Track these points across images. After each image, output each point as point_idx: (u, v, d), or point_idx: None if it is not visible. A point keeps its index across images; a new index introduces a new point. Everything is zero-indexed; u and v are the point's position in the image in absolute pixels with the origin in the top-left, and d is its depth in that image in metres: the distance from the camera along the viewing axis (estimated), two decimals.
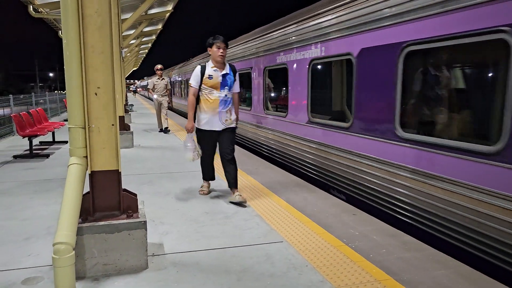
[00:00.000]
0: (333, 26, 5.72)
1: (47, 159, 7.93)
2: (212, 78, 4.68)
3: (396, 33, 4.45)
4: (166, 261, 3.30)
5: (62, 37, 3.05)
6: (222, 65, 4.77)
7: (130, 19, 13.03)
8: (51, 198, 5.08)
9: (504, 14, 3.25)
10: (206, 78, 4.68)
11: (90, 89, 3.05)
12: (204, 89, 4.72)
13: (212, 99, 4.70)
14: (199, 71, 4.73)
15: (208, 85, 4.69)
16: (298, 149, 7.05)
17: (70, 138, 3.10)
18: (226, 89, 4.73)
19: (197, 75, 4.71)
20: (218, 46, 4.67)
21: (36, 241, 3.70)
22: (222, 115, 4.74)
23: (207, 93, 4.71)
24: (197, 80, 4.71)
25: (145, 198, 4.93)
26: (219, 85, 4.70)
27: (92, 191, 3.16)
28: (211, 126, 4.76)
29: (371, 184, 4.99)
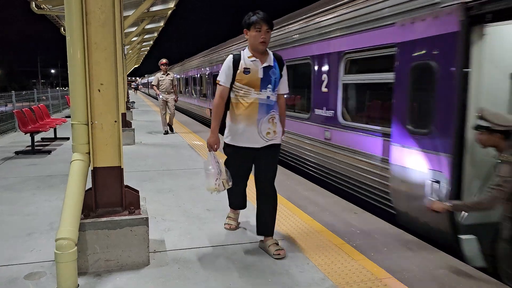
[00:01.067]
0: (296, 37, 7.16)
1: (49, 155, 7.95)
2: (250, 73, 3.32)
3: (339, 43, 5.71)
4: (167, 258, 3.31)
5: (66, 33, 3.06)
6: (264, 55, 3.39)
7: (132, 16, 13.02)
8: (53, 194, 5.10)
9: (395, 35, 4.49)
10: (241, 72, 3.33)
11: (94, 85, 3.07)
12: (237, 89, 3.35)
13: (248, 102, 3.31)
14: (230, 63, 3.37)
15: (243, 83, 3.32)
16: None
17: (73, 134, 3.11)
18: (269, 89, 3.34)
19: (228, 68, 3.37)
20: (258, 29, 3.27)
21: (38, 237, 3.72)
22: (263, 126, 3.34)
23: (242, 94, 3.34)
24: (228, 76, 3.36)
25: (146, 195, 4.94)
26: (259, 82, 3.33)
27: (94, 187, 3.17)
28: (247, 141, 3.37)
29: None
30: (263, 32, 3.29)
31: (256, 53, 3.38)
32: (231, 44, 12.62)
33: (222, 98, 3.40)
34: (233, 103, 3.41)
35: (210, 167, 3.41)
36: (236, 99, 3.40)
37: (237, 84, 3.36)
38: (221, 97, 3.40)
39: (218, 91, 3.41)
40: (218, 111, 3.42)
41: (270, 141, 3.41)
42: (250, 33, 3.34)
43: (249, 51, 3.41)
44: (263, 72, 3.35)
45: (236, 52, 3.48)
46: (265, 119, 3.36)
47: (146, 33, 22.18)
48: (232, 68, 3.37)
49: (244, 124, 3.35)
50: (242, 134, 3.38)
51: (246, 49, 3.43)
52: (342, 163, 5.62)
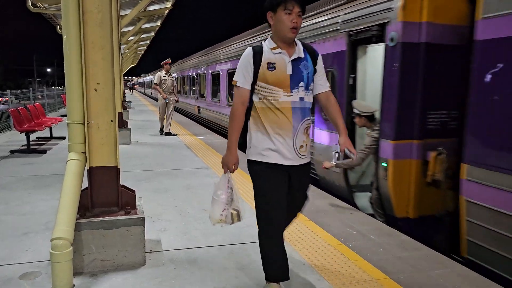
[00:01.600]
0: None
1: (45, 154, 7.92)
2: (275, 69, 2.55)
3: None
4: (164, 258, 3.30)
5: (62, 32, 3.05)
6: (291, 46, 2.62)
7: (129, 16, 12.99)
8: (49, 193, 5.08)
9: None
10: (265, 69, 2.55)
11: (90, 85, 3.06)
12: (261, 90, 2.58)
13: (278, 107, 2.56)
14: (250, 58, 2.58)
15: (269, 82, 2.55)
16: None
17: (69, 134, 3.10)
18: (301, 88, 2.59)
19: (248, 64, 2.58)
20: (289, 10, 2.50)
21: (34, 236, 3.70)
22: (298, 137, 2.58)
23: (269, 97, 2.57)
24: (247, 74, 2.58)
25: (143, 195, 4.93)
26: (288, 80, 2.56)
27: (90, 187, 3.16)
28: (281, 157, 2.59)
29: None
30: (294, 14, 2.50)
31: (282, 43, 2.59)
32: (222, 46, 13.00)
33: (242, 103, 2.59)
34: (258, 108, 2.60)
35: (220, 192, 2.69)
36: (261, 103, 2.59)
37: (260, 85, 2.58)
38: (240, 103, 2.59)
39: (235, 95, 2.62)
40: (237, 120, 2.60)
41: (303, 159, 2.65)
42: (277, 16, 2.53)
43: (273, 41, 2.62)
44: (292, 67, 2.58)
45: (258, 45, 2.64)
46: (300, 128, 2.59)
47: (143, 33, 22.14)
48: (252, 64, 2.57)
49: (277, 135, 2.57)
50: (274, 148, 2.57)
51: (269, 40, 2.65)
52: None
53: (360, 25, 5.08)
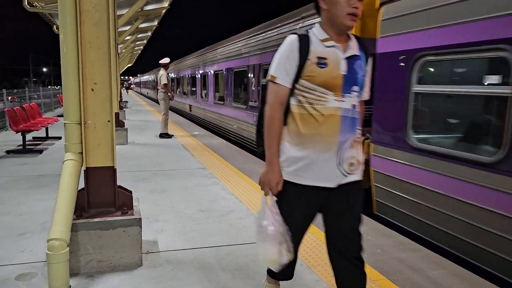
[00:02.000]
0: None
1: (41, 154, 7.88)
2: (327, 66, 2.03)
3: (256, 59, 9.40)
4: (161, 259, 3.29)
5: (59, 32, 3.03)
6: (346, 39, 2.11)
7: (126, 15, 12.95)
8: (45, 193, 5.05)
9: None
10: (314, 64, 2.03)
11: (87, 84, 3.04)
12: (304, 91, 2.07)
13: (324, 114, 2.04)
14: (295, 48, 2.04)
15: (316, 82, 2.04)
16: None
17: (66, 134, 3.09)
18: (354, 93, 2.09)
19: (291, 56, 2.05)
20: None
21: (30, 237, 3.68)
22: (346, 153, 2.08)
23: (313, 101, 2.06)
24: (289, 69, 2.06)
25: (140, 195, 4.91)
26: (341, 82, 2.05)
27: (87, 188, 3.14)
28: (318, 178, 2.09)
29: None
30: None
31: (336, 34, 2.05)
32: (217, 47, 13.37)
33: (281, 104, 2.08)
34: (296, 114, 2.08)
35: (266, 222, 2.11)
36: (301, 108, 2.07)
37: (304, 84, 2.04)
38: (279, 103, 2.08)
39: (272, 93, 2.09)
40: (276, 126, 2.09)
41: (351, 176, 2.11)
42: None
43: (324, 30, 2.06)
44: (346, 65, 2.05)
45: (303, 32, 2.10)
46: (349, 142, 2.06)
47: (140, 32, 22.09)
48: (298, 56, 2.02)
49: (316, 150, 2.03)
50: (310, 166, 2.06)
51: (317, 28, 2.09)
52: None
53: None
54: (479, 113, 4.05)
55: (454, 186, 3.75)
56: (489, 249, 3.42)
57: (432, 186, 3.95)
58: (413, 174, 4.19)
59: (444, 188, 3.85)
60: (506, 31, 3.22)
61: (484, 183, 3.41)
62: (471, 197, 3.56)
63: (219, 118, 12.75)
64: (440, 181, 3.87)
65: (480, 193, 3.46)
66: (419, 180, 4.11)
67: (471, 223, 3.59)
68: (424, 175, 4.04)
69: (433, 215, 3.96)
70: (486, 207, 3.42)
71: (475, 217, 3.54)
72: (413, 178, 4.19)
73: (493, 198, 3.35)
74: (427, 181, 4.02)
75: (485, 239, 3.45)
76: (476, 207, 3.51)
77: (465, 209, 3.60)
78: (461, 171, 3.65)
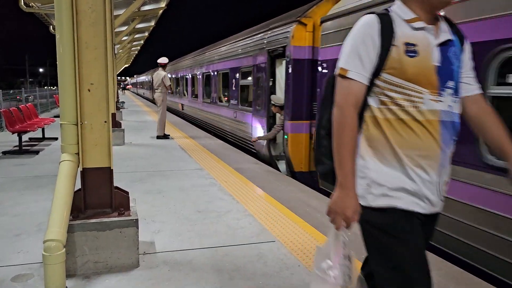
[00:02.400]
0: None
1: (37, 155, 7.85)
2: (417, 55, 1.54)
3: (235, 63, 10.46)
4: (157, 260, 3.28)
5: (56, 32, 3.02)
6: (435, 19, 1.61)
7: (123, 15, 12.93)
8: (42, 194, 5.03)
9: (253, 61, 8.90)
10: (402, 53, 1.54)
11: (83, 85, 3.03)
12: (390, 88, 1.58)
13: (420, 119, 1.55)
14: (375, 32, 1.56)
15: (407, 76, 1.54)
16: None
17: (62, 135, 3.07)
18: (449, 90, 1.59)
19: (370, 41, 1.56)
20: None
21: (26, 238, 3.66)
22: (445, 168, 1.62)
23: (405, 101, 1.56)
24: (367, 58, 1.56)
25: (136, 196, 4.89)
26: (435, 75, 1.56)
27: (83, 188, 3.13)
28: (417, 201, 1.60)
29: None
30: None
31: (427, 11, 1.59)
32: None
33: (354, 106, 1.60)
34: (381, 120, 1.61)
35: (328, 264, 1.65)
36: (387, 111, 1.60)
37: (388, 79, 1.58)
38: (352, 104, 1.59)
39: (342, 91, 1.61)
40: (349, 134, 1.59)
41: (440, 203, 1.68)
42: None
43: (409, 7, 1.60)
44: (440, 54, 1.59)
45: (383, 11, 1.64)
46: (448, 153, 1.63)
47: (137, 33, 22.05)
48: (378, 41, 1.56)
49: (417, 166, 1.57)
50: (412, 187, 1.58)
51: (399, 6, 1.63)
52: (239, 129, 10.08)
53: (272, 46, 7.78)
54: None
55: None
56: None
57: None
58: None
59: None
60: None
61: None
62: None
63: (207, 115, 13.88)
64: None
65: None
66: None
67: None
68: None
69: None
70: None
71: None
72: None
73: None
74: None
75: None
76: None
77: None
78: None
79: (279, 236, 3.83)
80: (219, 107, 12.22)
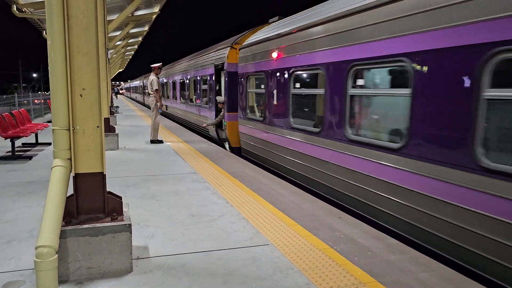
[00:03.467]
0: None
1: (30, 161, 7.80)
2: None
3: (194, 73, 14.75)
4: (151, 264, 3.27)
5: (47, 38, 3.02)
6: None
7: (116, 20, 12.93)
8: (34, 200, 5.00)
9: (208, 71, 12.66)
10: None
11: (75, 90, 3.03)
12: None
13: None
14: None
15: None
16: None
17: (54, 140, 3.06)
18: None
19: None
20: None
21: (18, 244, 3.64)
22: None
23: None
24: None
25: (130, 201, 4.89)
26: None
27: (76, 194, 3.12)
28: None
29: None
30: None
31: None
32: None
33: None
34: None
35: None
36: None
37: None
38: None
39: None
40: None
41: None
42: None
43: None
44: None
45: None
46: None
47: (131, 37, 22.05)
48: None
49: None
50: None
51: None
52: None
53: (217, 62, 11.13)
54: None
55: (251, 130, 8.77)
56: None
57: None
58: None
59: (253, 132, 8.65)
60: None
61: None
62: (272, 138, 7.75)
63: (181, 112, 17.71)
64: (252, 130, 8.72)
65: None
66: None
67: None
68: (251, 131, 8.75)
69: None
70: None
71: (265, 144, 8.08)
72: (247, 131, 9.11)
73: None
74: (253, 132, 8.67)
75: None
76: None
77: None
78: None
79: (272, 239, 3.83)
80: (189, 105, 15.91)
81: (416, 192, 3.98)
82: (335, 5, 5.61)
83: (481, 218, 3.33)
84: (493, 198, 3.24)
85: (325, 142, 5.74)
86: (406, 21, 4.10)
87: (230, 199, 5.15)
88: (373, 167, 4.60)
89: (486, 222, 3.28)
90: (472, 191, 3.41)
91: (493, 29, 3.22)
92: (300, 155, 6.48)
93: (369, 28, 4.68)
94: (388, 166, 4.36)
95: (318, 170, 5.93)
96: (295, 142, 6.67)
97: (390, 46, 4.31)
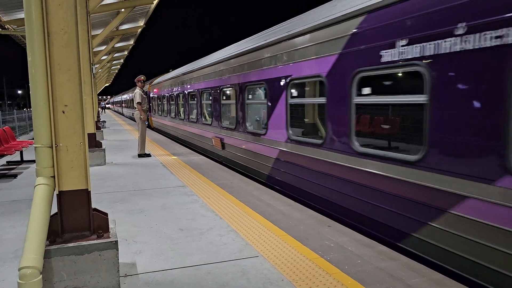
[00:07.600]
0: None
1: (15, 179, 7.67)
2: None
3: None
4: (139, 281, 3.22)
5: (27, 54, 2.98)
6: None
7: (101, 35, 12.89)
8: (18, 219, 4.90)
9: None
10: None
11: (57, 107, 2.99)
12: None
13: None
14: None
15: None
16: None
17: (37, 158, 3.01)
18: None
19: None
20: None
21: (2, 266, 3.55)
22: None
23: None
24: None
25: (117, 217, 4.82)
26: None
27: (60, 212, 3.06)
28: None
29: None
30: None
31: None
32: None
33: None
34: None
35: None
36: None
37: None
38: None
39: None
40: None
41: None
42: None
43: None
44: None
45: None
46: None
47: (116, 52, 21.99)
48: None
49: None
50: None
51: None
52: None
53: (145, 90, 15.23)
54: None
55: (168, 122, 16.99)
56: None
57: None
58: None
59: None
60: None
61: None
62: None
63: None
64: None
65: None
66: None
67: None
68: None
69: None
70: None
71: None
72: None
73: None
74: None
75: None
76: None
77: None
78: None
79: (262, 250, 3.80)
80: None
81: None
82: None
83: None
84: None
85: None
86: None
87: (219, 212, 5.11)
88: None
89: None
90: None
91: None
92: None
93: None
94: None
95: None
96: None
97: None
